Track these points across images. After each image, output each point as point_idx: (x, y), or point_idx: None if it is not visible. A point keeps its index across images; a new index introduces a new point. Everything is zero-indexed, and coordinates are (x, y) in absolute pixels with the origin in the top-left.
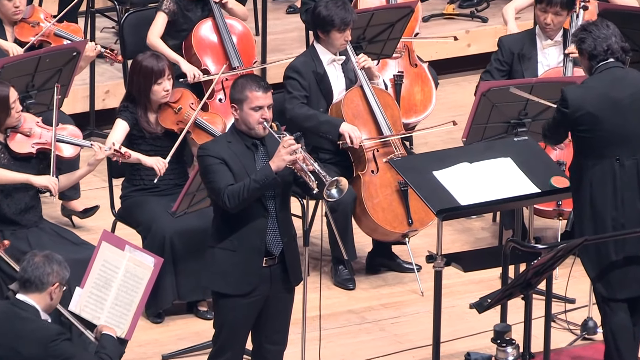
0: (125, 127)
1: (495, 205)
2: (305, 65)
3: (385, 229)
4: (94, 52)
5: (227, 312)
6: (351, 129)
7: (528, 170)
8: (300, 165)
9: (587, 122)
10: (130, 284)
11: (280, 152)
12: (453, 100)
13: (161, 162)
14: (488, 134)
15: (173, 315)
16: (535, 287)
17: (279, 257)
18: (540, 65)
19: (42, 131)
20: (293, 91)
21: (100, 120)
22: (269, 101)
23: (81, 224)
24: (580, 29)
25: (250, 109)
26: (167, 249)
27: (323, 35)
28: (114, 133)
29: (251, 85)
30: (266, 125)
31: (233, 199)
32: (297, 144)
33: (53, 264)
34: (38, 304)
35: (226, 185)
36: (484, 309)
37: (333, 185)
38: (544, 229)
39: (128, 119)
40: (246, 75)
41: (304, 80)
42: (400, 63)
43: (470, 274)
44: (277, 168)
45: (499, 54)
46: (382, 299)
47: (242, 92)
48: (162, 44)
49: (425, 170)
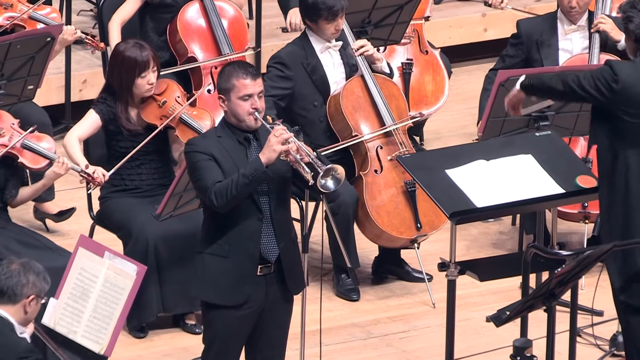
0: (96, 122)
1: (514, 207)
2: (291, 55)
3: (391, 234)
4: (73, 37)
5: (217, 326)
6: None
7: (551, 169)
8: (294, 157)
9: (637, 104)
10: (110, 294)
11: (271, 142)
12: (468, 90)
13: (100, 174)
14: (506, 128)
15: (157, 329)
16: (559, 298)
17: (276, 264)
18: (561, 53)
19: (14, 134)
20: (267, 80)
21: (76, 113)
22: (259, 88)
23: (56, 228)
24: (629, 4)
25: (238, 99)
26: (151, 256)
27: (311, 24)
28: (80, 125)
29: (238, 72)
30: (257, 116)
31: (221, 196)
32: (289, 133)
33: (30, 274)
34: (12, 317)
35: (213, 182)
36: (502, 322)
37: (328, 175)
38: (569, 233)
39: (102, 112)
40: (233, 62)
41: (287, 71)
42: (409, 49)
43: (487, 284)
44: (267, 160)
45: (516, 38)
46: (389, 311)
47: (228, 81)
48: (114, 32)
49: (437, 169)
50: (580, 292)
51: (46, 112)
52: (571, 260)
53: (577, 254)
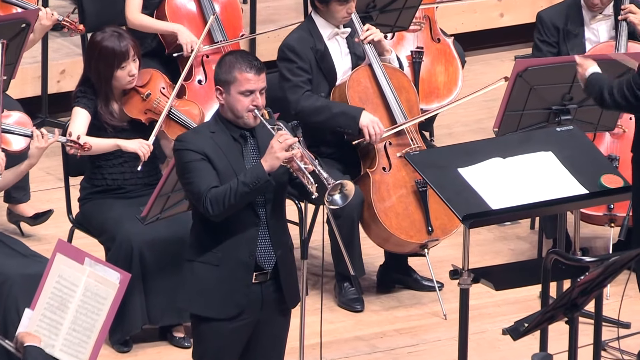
0: (87, 116)
1: (533, 209)
2: (301, 42)
3: (400, 238)
4: (50, 21)
5: (208, 340)
6: (372, 121)
7: (573, 167)
8: (298, 165)
9: None
10: (90, 305)
11: (274, 149)
12: (483, 81)
13: (145, 146)
14: (525, 122)
15: (143, 342)
16: (582, 308)
17: (272, 272)
18: (588, 43)
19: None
20: (292, 78)
21: (54, 106)
22: (262, 84)
23: (31, 232)
24: None
25: (238, 94)
26: (136, 263)
27: (321, 6)
28: (74, 124)
29: (241, 64)
30: (257, 114)
31: (217, 205)
32: (294, 138)
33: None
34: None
35: (208, 188)
36: (519, 335)
37: (336, 190)
38: (593, 238)
39: (88, 106)
40: (236, 51)
41: (302, 61)
42: (419, 37)
43: (504, 293)
44: (270, 168)
45: (542, 32)
46: (397, 323)
47: (229, 72)
48: (147, 19)
49: (449, 167)
50: (605, 302)
51: (21, 105)
52: (595, 267)
53: (601, 261)
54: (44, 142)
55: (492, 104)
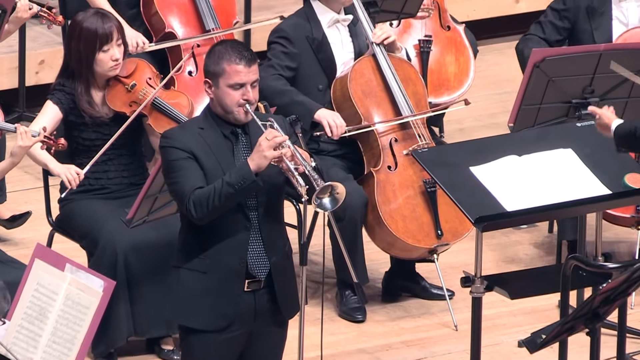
0: (56, 114)
1: (551, 211)
2: (296, 28)
3: (407, 242)
4: (28, 14)
5: (197, 352)
6: (331, 115)
7: (595, 166)
8: (287, 165)
9: None
10: (72, 314)
11: (262, 147)
12: (496, 73)
13: (73, 172)
14: (542, 117)
15: (128, 355)
16: (604, 319)
17: (266, 280)
18: (615, 23)
19: None
20: (272, 58)
21: (32, 100)
22: (254, 77)
23: (8, 236)
24: None
25: (227, 87)
26: (121, 269)
27: None
28: (40, 119)
29: (230, 55)
30: (249, 109)
31: (200, 206)
32: (284, 136)
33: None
34: None
35: (192, 189)
36: (537, 347)
37: (325, 193)
38: (616, 242)
39: (61, 102)
40: (226, 41)
41: (292, 47)
42: (427, 25)
43: (519, 302)
44: (257, 167)
45: (560, 2)
46: (403, 335)
47: (218, 64)
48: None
49: (460, 166)
50: (630, 311)
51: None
52: (619, 274)
53: (625, 267)
54: (29, 140)
55: (507, 97)
